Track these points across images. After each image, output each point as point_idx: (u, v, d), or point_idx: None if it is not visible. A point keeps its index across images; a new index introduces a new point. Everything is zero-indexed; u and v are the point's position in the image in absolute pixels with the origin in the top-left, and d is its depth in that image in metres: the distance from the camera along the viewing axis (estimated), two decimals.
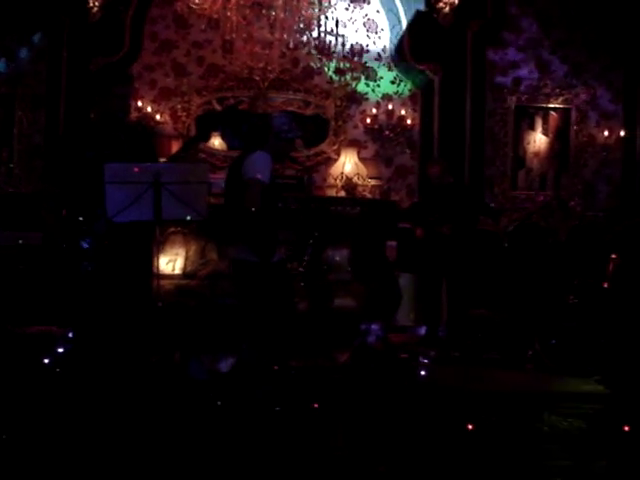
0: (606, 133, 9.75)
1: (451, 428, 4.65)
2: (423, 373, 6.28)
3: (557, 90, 9.73)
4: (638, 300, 6.38)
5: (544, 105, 9.76)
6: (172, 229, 8.27)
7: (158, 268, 5.08)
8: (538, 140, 9.79)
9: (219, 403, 4.79)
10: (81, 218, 4.63)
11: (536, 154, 9.79)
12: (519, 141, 9.77)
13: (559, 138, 9.80)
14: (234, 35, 8.59)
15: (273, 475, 3.93)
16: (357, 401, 5.22)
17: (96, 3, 8.88)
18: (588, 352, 6.26)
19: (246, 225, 4.85)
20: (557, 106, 9.76)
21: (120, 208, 4.06)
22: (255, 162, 4.90)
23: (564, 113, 9.78)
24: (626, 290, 6.43)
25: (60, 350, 6.16)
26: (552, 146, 9.80)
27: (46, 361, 5.86)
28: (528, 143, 9.79)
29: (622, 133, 9.73)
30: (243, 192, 4.80)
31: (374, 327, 7.08)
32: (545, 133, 9.81)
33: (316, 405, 5.03)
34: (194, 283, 7.95)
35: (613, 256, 6.53)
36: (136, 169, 4.17)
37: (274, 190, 5.03)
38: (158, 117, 9.54)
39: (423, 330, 7.85)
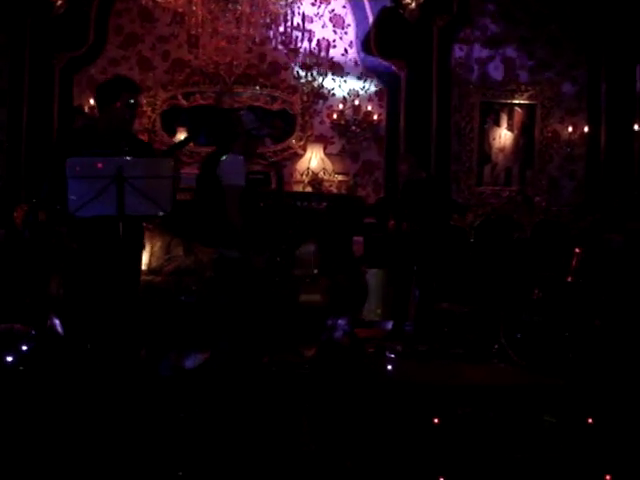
0: (570, 129, 9.84)
1: (417, 422, 4.67)
2: (389, 368, 6.30)
3: (522, 86, 9.81)
4: (601, 294, 6.45)
5: (509, 101, 9.83)
6: None
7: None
8: (503, 136, 9.87)
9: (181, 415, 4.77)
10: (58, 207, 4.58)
11: (501, 150, 9.86)
12: (484, 137, 9.84)
13: (524, 134, 9.88)
14: (200, 30, 8.57)
15: (240, 470, 3.92)
16: (324, 396, 5.22)
17: None
18: (552, 346, 6.31)
19: (227, 231, 4.91)
20: (522, 102, 9.84)
21: (82, 203, 4.00)
22: (231, 167, 4.98)
23: (529, 109, 9.86)
24: (589, 284, 6.49)
25: (24, 348, 6.09)
26: (517, 142, 9.88)
27: (9, 359, 5.79)
28: (493, 139, 9.86)
29: (586, 129, 9.83)
30: (223, 198, 4.88)
31: (341, 322, 7.09)
32: (510, 129, 9.88)
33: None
34: (159, 279, 7.87)
35: (577, 250, 6.59)
36: (99, 164, 4.12)
37: (251, 190, 5.12)
38: None
39: (390, 325, 7.86)
